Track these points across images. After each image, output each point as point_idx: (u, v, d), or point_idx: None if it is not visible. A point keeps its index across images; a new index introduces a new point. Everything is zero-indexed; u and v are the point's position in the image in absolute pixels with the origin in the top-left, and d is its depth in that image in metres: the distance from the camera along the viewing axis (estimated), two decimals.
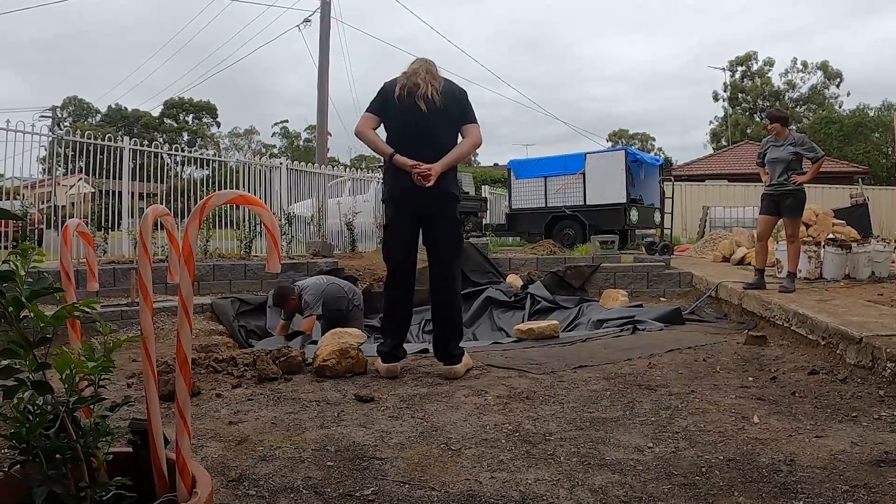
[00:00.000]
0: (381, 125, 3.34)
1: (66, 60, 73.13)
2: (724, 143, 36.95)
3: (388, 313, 3.47)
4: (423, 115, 3.21)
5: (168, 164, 9.04)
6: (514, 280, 7.59)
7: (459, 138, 3.31)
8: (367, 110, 3.33)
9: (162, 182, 8.46)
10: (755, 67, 40.88)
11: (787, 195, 5.25)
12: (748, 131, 38.32)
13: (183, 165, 9.55)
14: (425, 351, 4.04)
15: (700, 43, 74.41)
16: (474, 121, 3.32)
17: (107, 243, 7.04)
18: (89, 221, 7.12)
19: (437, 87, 3.24)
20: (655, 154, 36.63)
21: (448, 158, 3.20)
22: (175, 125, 48.85)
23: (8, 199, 6.81)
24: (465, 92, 3.36)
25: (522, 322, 5.87)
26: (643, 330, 4.79)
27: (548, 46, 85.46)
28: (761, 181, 5.60)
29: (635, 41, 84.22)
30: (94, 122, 46.64)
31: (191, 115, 50.70)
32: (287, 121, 58.41)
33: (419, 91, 3.21)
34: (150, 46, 62.09)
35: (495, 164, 38.36)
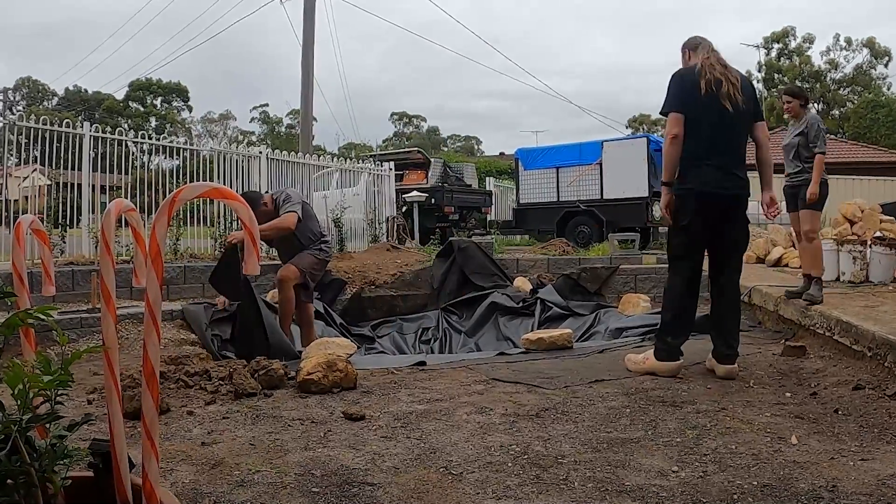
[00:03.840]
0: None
1: (19, 37, 73.20)
2: None
3: (679, 310, 3.55)
4: (728, 116, 3.42)
5: (133, 153, 9.04)
6: (523, 284, 7.59)
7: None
8: (671, 109, 3.48)
9: (127, 173, 8.45)
10: (793, 45, 40.88)
11: (800, 186, 5.17)
12: (785, 117, 38.32)
13: (150, 154, 9.54)
14: (422, 364, 4.04)
15: (731, 16, 74.49)
16: (763, 118, 3.66)
17: (65, 242, 7.03)
18: (45, 217, 7.11)
19: (738, 86, 3.46)
20: None
21: (769, 180, 3.64)
22: (141, 109, 48.87)
23: None
24: (753, 85, 3.66)
25: (531, 331, 5.88)
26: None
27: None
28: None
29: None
30: (50, 106, 46.66)
31: (159, 98, 50.75)
32: (267, 104, 58.73)
33: (723, 89, 3.41)
34: (114, 21, 62.21)
35: (501, 154, 38.38)
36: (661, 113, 3.61)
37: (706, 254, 3.64)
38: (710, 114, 3.42)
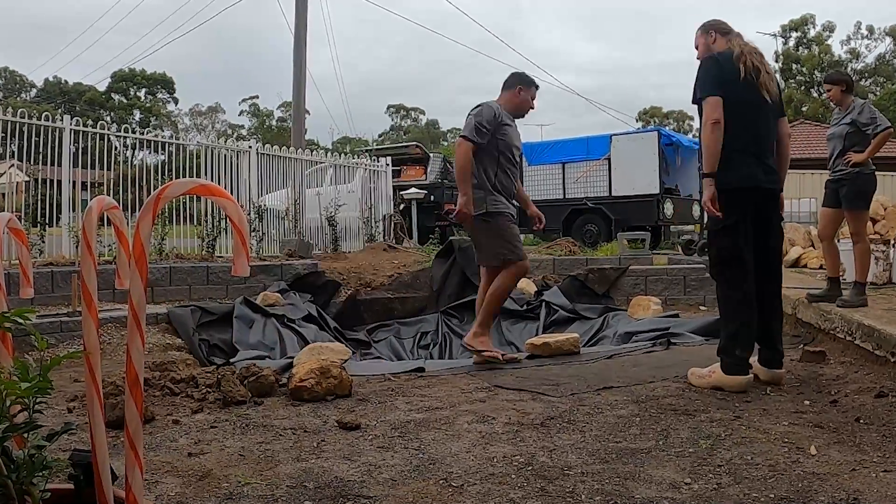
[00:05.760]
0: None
1: None
2: None
3: (745, 320, 3.44)
4: (765, 107, 3.45)
5: (116, 148, 9.05)
6: (527, 285, 7.59)
7: None
8: (708, 93, 3.42)
9: (109, 169, 8.45)
10: (812, 33, 40.90)
11: (844, 182, 5.08)
12: (804, 109, 38.33)
13: (134, 149, 9.57)
14: (420, 370, 4.05)
15: (747, 4, 74.54)
16: (784, 112, 3.69)
17: (44, 242, 7.04)
18: (23, 216, 7.12)
19: (773, 76, 3.50)
20: (693, 136, 36.68)
21: (783, 179, 3.67)
22: (125, 101, 48.89)
23: None
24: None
25: (536, 335, 5.88)
26: (679, 344, 4.80)
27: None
28: (825, 167, 5.45)
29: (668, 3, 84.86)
30: (28, 98, 46.68)
31: (143, 90, 50.75)
32: (257, 97, 58.60)
33: (761, 78, 3.42)
34: (96, 8, 62.25)
35: None
36: (693, 101, 3.53)
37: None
38: (750, 101, 3.40)
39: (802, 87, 40.93)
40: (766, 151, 3.50)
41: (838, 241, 6.68)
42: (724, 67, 3.41)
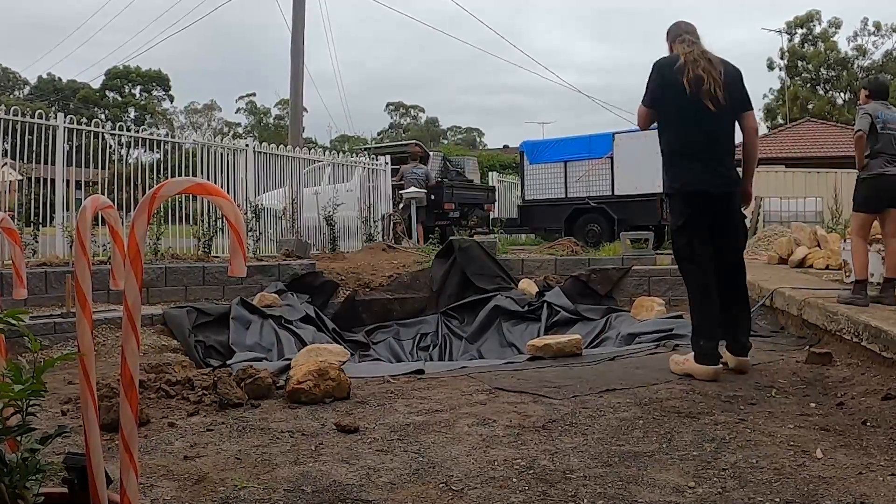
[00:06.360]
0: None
1: None
2: (780, 120, 36.98)
3: (703, 313, 3.66)
4: (710, 115, 3.52)
5: (111, 146, 9.04)
6: (528, 286, 7.60)
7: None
8: (642, 103, 3.66)
9: (103, 168, 8.46)
10: (818, 30, 40.91)
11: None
12: (809, 107, 38.35)
13: (129, 148, 9.55)
14: (420, 372, 4.05)
15: (752, 1, 74.55)
16: (751, 107, 3.72)
17: (37, 241, 7.04)
18: (16, 215, 7.12)
19: (720, 81, 3.53)
20: None
21: (750, 173, 3.84)
22: (119, 99, 48.91)
23: None
24: (741, 72, 3.71)
25: (538, 336, 5.88)
26: (683, 346, 4.79)
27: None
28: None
29: None
30: (21, 96, 46.68)
31: (138, 87, 50.75)
32: (254, 94, 58.58)
33: (704, 86, 3.49)
34: (91, 5, 62.22)
35: (505, 147, 38.44)
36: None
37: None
38: (688, 113, 3.55)
39: (808, 85, 40.92)
40: (714, 156, 3.62)
41: (844, 240, 6.67)
42: (665, 75, 3.60)
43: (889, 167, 5.00)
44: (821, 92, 38.79)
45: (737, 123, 3.78)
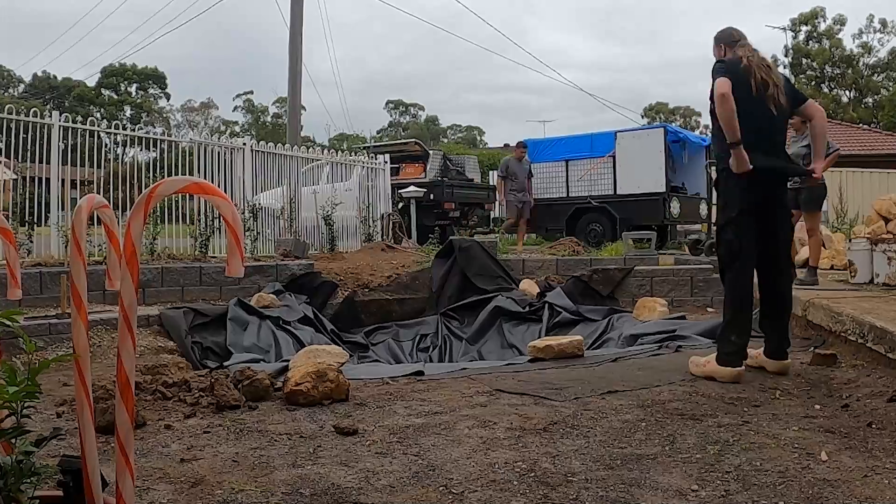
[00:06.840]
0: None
1: None
2: None
3: (744, 311, 3.72)
4: (771, 117, 3.70)
5: (107, 145, 9.06)
6: (529, 287, 7.60)
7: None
8: (722, 75, 3.64)
9: (99, 166, 8.45)
10: (823, 27, 40.90)
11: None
12: None
13: (125, 146, 9.55)
14: (419, 374, 4.05)
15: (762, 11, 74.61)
16: (807, 97, 3.95)
17: (32, 241, 7.04)
18: (10, 215, 7.12)
19: (781, 87, 3.71)
20: (701, 133, 36.61)
21: (819, 150, 3.98)
22: (115, 97, 48.90)
23: None
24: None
25: (539, 338, 5.88)
26: (687, 347, 4.80)
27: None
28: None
29: None
30: (15, 94, 46.67)
31: (134, 85, 50.75)
32: (252, 92, 58.50)
33: (769, 91, 3.64)
34: (86, 2, 62.18)
35: (505, 145, 38.34)
36: (711, 97, 3.71)
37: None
38: (752, 112, 3.62)
39: (813, 83, 40.90)
40: (772, 151, 3.74)
41: (849, 240, 6.70)
42: (735, 72, 3.65)
43: None
44: (825, 90, 38.75)
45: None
